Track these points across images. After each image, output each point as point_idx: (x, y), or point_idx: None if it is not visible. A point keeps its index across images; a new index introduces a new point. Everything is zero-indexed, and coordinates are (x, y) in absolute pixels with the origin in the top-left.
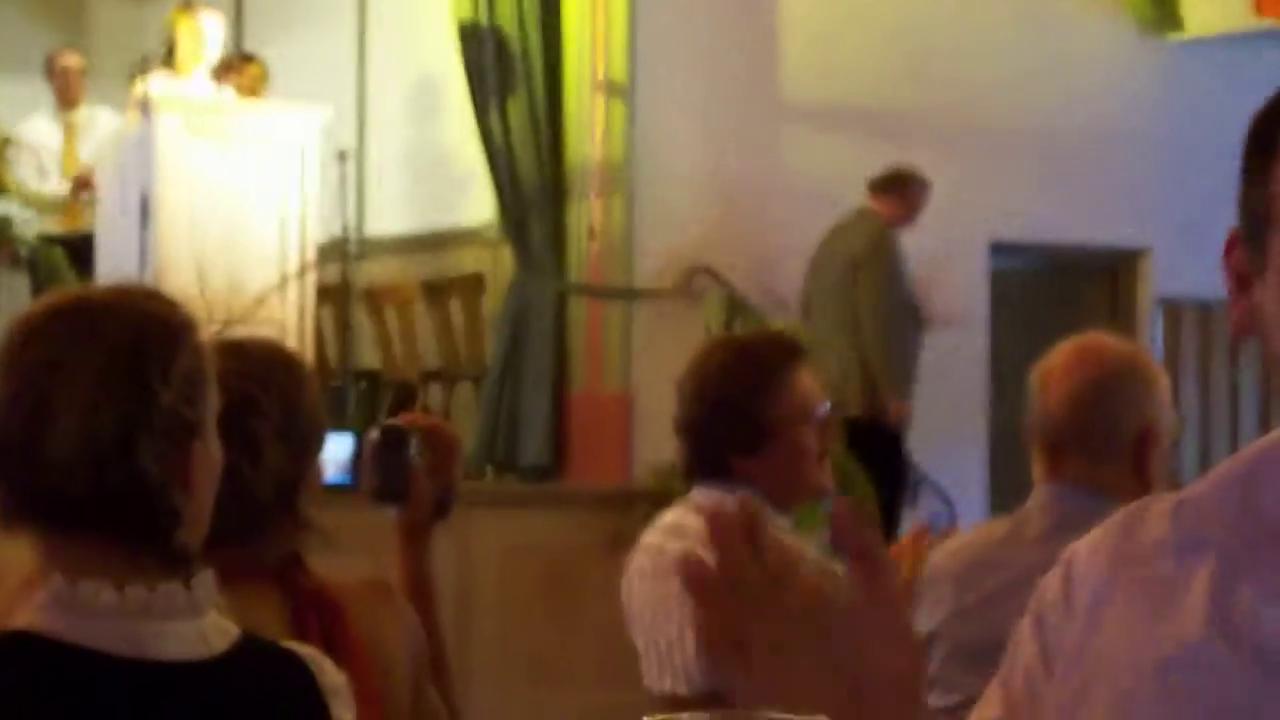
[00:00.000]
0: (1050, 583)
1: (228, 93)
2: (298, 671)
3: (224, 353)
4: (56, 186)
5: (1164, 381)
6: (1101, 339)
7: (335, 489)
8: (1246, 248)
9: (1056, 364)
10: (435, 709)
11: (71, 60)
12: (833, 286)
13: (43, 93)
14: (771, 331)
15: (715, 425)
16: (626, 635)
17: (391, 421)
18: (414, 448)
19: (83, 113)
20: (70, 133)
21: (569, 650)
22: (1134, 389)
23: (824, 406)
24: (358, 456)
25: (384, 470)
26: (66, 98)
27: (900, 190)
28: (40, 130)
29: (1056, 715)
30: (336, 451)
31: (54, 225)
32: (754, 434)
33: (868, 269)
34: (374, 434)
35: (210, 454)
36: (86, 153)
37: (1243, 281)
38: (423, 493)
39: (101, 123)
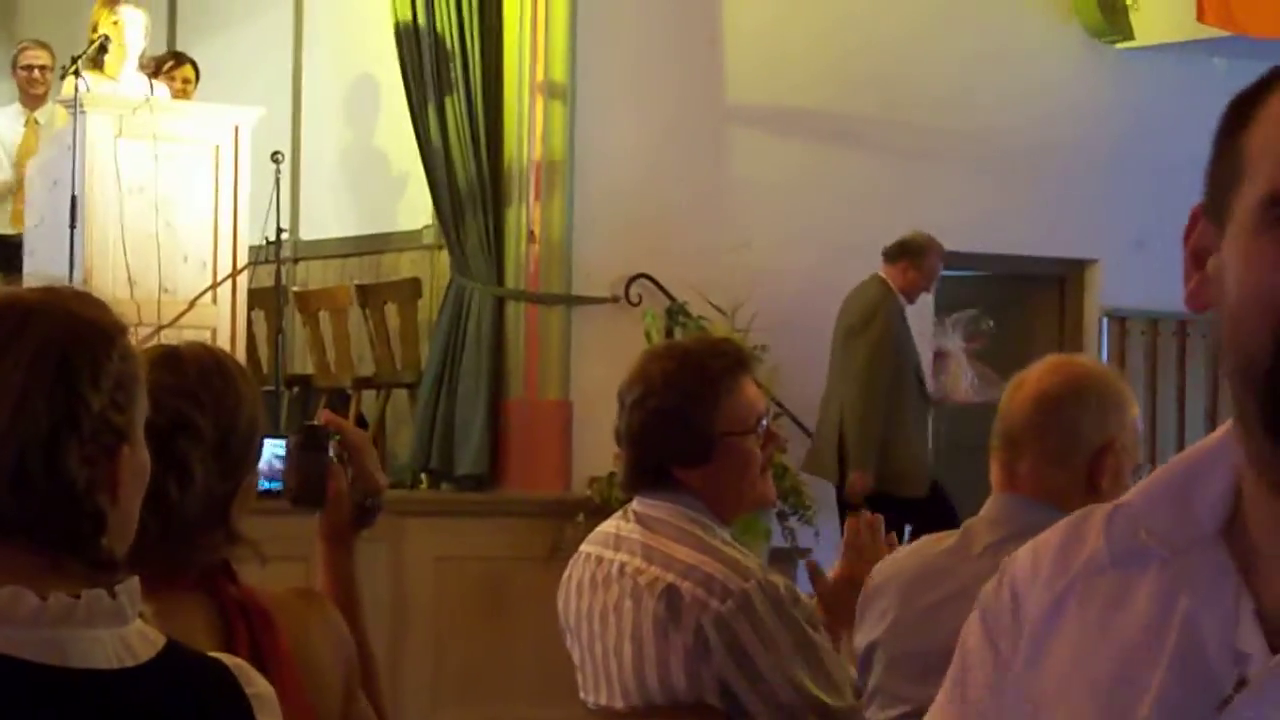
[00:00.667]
0: (994, 597)
1: (161, 91)
2: (223, 681)
3: (160, 364)
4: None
5: (1134, 408)
6: (1081, 358)
7: (268, 495)
8: (1209, 218)
9: (1030, 373)
10: (365, 717)
11: (38, 57)
12: (834, 353)
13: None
14: (716, 340)
15: (657, 435)
16: (563, 647)
17: (311, 423)
18: (334, 450)
19: (48, 110)
20: (31, 129)
21: (504, 662)
22: (1099, 404)
23: (768, 417)
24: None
25: (301, 473)
26: (31, 94)
27: (909, 259)
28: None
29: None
30: (269, 457)
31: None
32: (697, 445)
33: (858, 335)
34: (293, 436)
35: (138, 460)
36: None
37: (1199, 258)
38: (341, 495)
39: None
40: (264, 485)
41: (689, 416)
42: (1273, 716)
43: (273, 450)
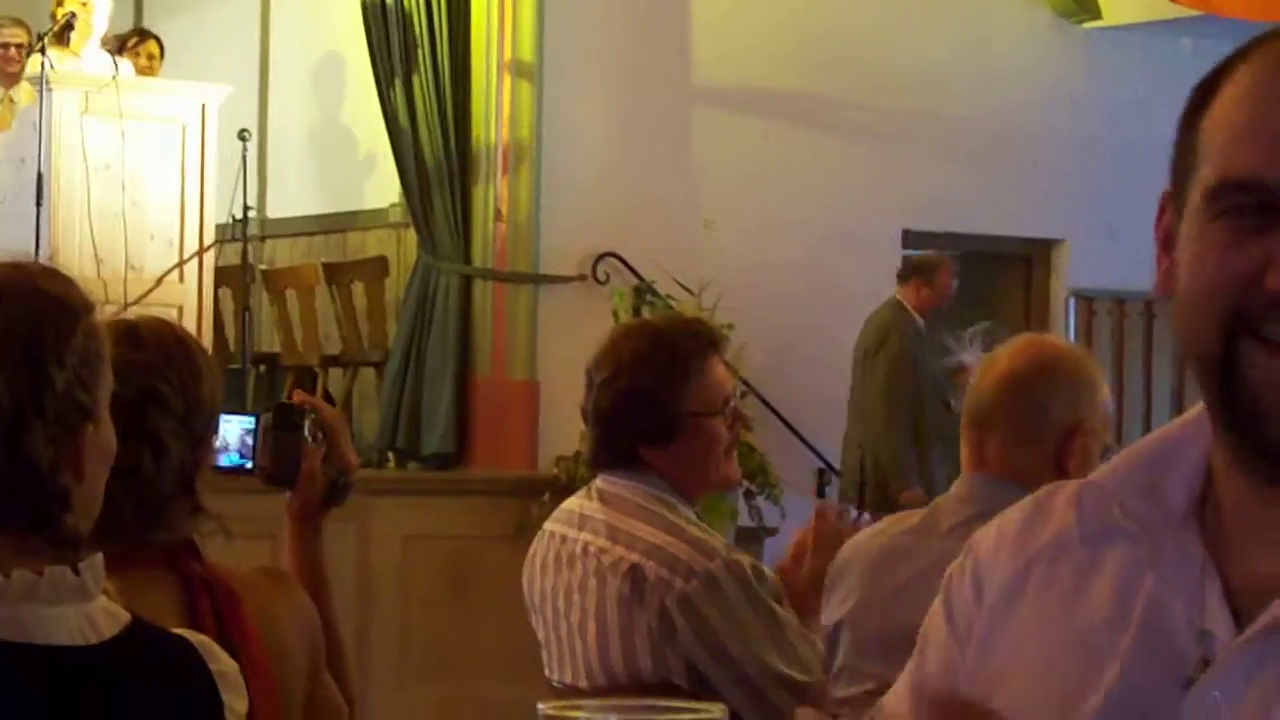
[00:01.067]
0: (958, 574)
1: (125, 68)
2: (187, 657)
3: (120, 339)
4: None
5: (1104, 390)
6: (1052, 339)
7: (234, 472)
8: (1174, 202)
9: (1000, 353)
10: (331, 697)
11: (15, 35)
12: (854, 377)
13: None
14: (685, 319)
15: (625, 414)
16: (529, 626)
17: (285, 401)
18: (308, 429)
19: (25, 88)
20: (6, 107)
21: (470, 640)
22: (1069, 384)
23: (735, 397)
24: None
25: (275, 451)
26: (6, 72)
27: (920, 277)
28: None
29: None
30: (236, 434)
31: None
32: (665, 424)
33: (874, 356)
34: (267, 414)
35: (103, 438)
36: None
37: (1168, 245)
38: (313, 474)
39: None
40: (234, 462)
41: (658, 396)
42: (1237, 695)
43: (242, 426)
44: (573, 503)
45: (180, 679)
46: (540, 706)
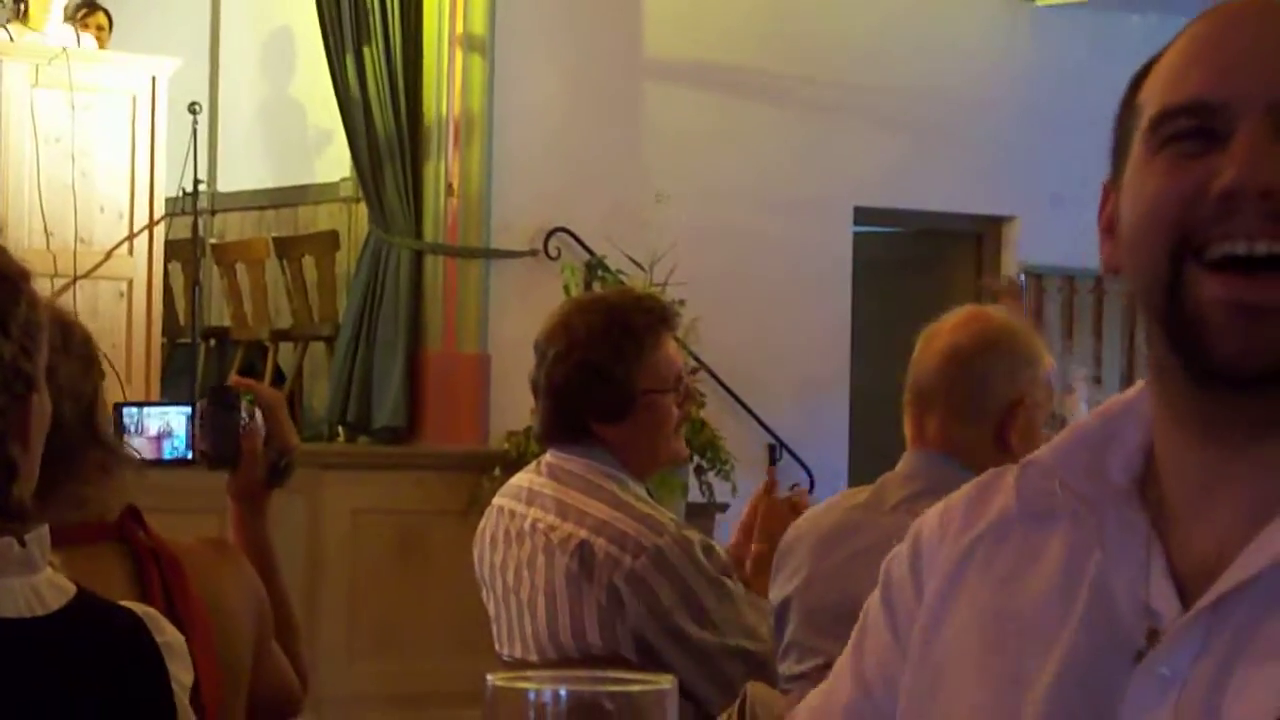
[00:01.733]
0: (898, 562)
1: (89, 42)
2: (133, 629)
3: None
4: None
5: (1047, 361)
6: (993, 310)
7: (177, 464)
8: (1114, 187)
9: (941, 326)
10: (280, 669)
11: None
12: None
13: None
14: (639, 294)
15: (578, 389)
16: (479, 600)
17: (220, 384)
18: (245, 410)
19: None
20: None
21: (420, 615)
22: (1010, 358)
23: (686, 374)
24: (194, 428)
25: (214, 433)
26: None
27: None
28: None
29: (913, 698)
30: (178, 424)
31: None
32: (617, 400)
33: None
34: (204, 400)
35: (44, 406)
36: None
37: (1111, 229)
38: (254, 455)
39: None
40: (178, 453)
41: (611, 372)
42: (1185, 671)
43: (182, 415)
44: (521, 478)
45: (125, 651)
46: (490, 678)
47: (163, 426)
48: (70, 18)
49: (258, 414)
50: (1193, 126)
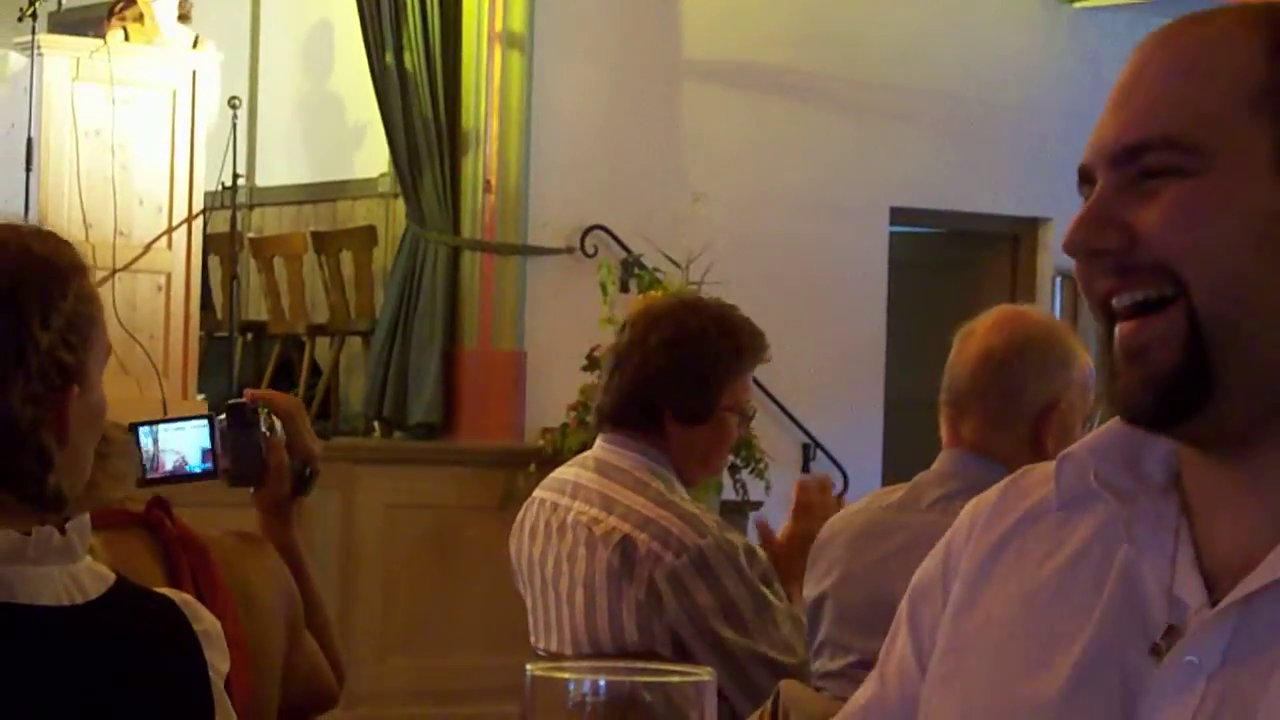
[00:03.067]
0: (928, 567)
1: (117, 35)
2: (171, 617)
3: None
4: None
5: (1083, 362)
6: (1030, 310)
7: (200, 478)
8: None
9: (977, 326)
10: (313, 662)
11: None
12: None
13: None
14: (748, 320)
15: (670, 379)
16: (511, 597)
17: (236, 400)
18: (265, 423)
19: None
20: None
21: (453, 611)
22: (1046, 360)
23: (751, 406)
24: (214, 443)
25: (235, 450)
26: None
27: None
28: None
29: (939, 681)
30: (195, 440)
31: None
32: (700, 405)
33: None
34: (221, 417)
35: (91, 400)
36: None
37: None
38: (280, 468)
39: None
40: (199, 468)
41: (708, 376)
42: (1213, 663)
43: (198, 429)
44: (566, 471)
45: (164, 639)
46: (529, 669)
47: (181, 444)
48: (110, 12)
49: (277, 425)
50: (1086, 192)
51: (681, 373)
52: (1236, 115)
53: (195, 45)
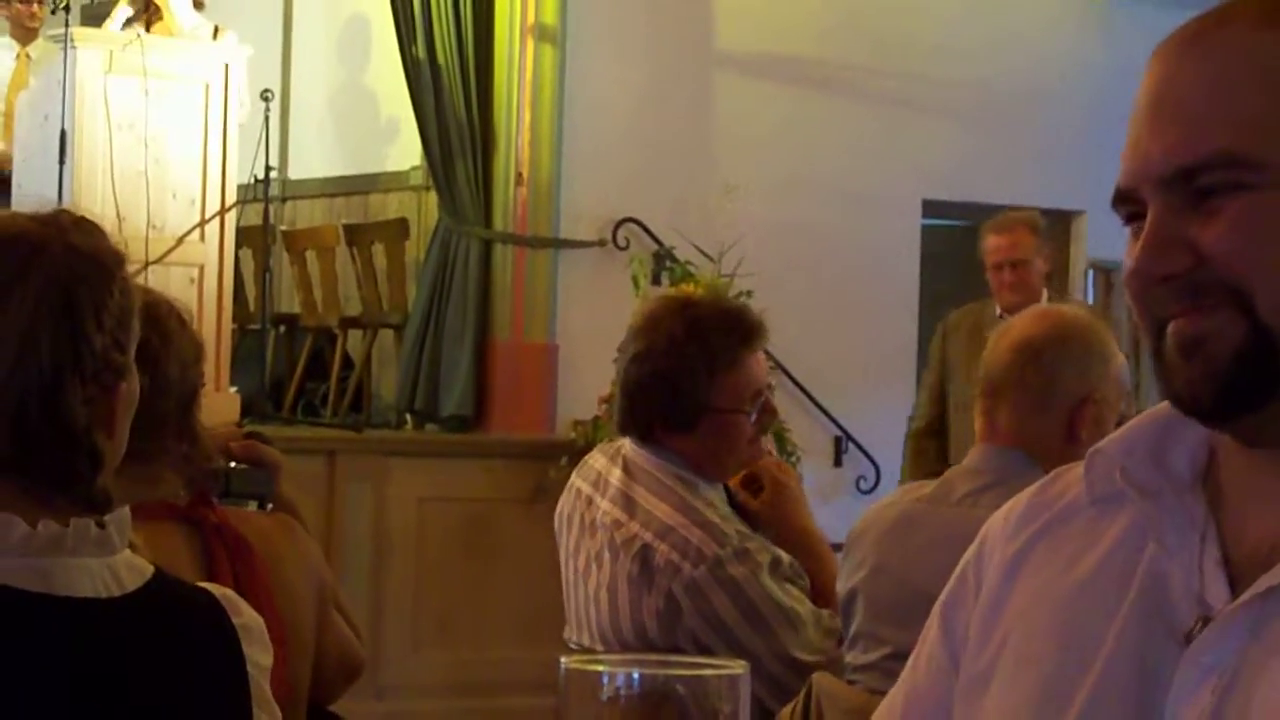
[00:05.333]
0: (964, 566)
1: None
2: (210, 611)
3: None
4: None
5: (1118, 359)
6: (1067, 307)
7: None
8: None
9: (1015, 321)
10: (341, 635)
11: None
12: None
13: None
14: (729, 309)
15: (648, 394)
16: (543, 589)
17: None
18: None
19: (40, 45)
20: (23, 63)
21: (485, 603)
22: (1081, 354)
23: (767, 390)
24: None
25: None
26: (25, 28)
27: None
28: None
29: (972, 679)
30: None
31: None
32: (684, 414)
33: None
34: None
35: (131, 391)
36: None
37: None
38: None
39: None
40: None
41: (680, 386)
42: (1229, 660)
43: None
44: (597, 459)
45: (200, 633)
46: (563, 661)
47: None
48: (147, 4)
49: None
50: (1128, 214)
51: (654, 386)
52: None
53: (215, 36)
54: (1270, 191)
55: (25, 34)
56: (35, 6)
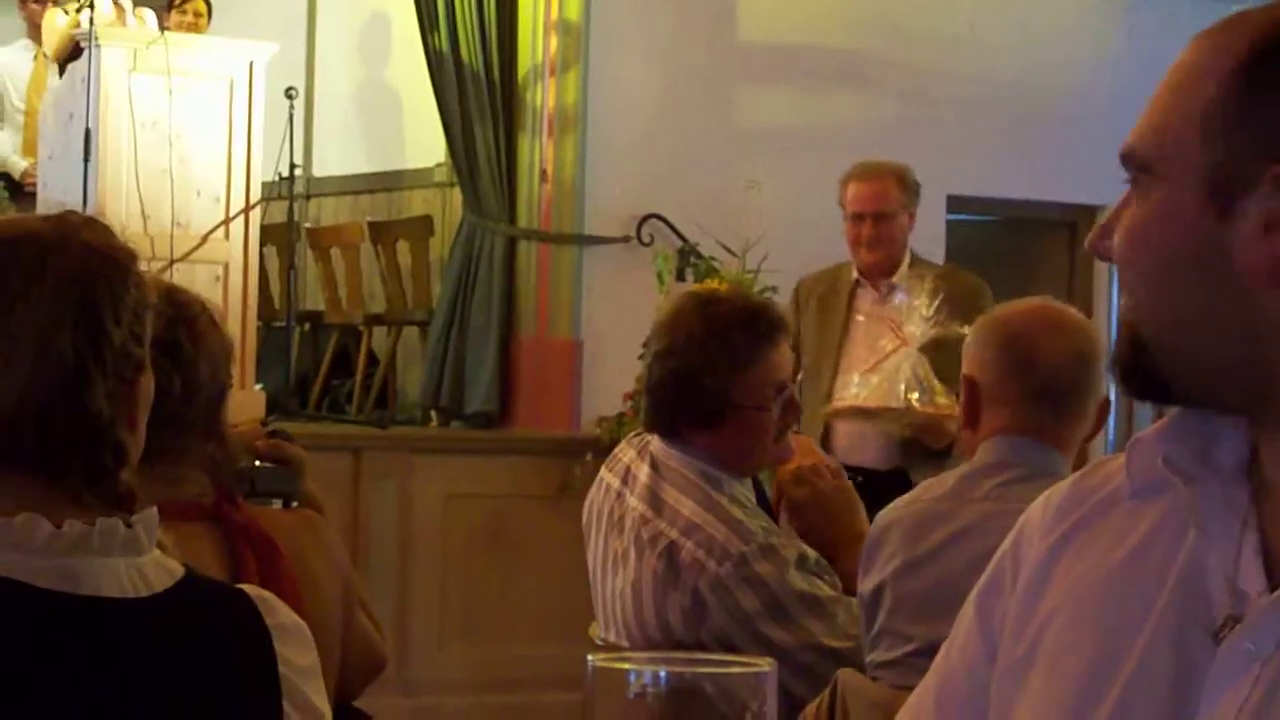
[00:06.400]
0: (1001, 556)
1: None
2: (241, 611)
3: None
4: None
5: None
6: (1069, 308)
7: None
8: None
9: (1044, 321)
10: (364, 630)
11: None
12: None
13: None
14: (751, 305)
15: (670, 391)
16: (569, 586)
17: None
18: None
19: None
20: (40, 64)
21: (510, 600)
22: (1101, 361)
23: (792, 386)
24: None
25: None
26: (39, 28)
27: None
28: (8, 60)
29: (1009, 670)
30: None
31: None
32: (707, 410)
33: None
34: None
35: (149, 386)
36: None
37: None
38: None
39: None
40: None
41: (702, 383)
42: (1266, 650)
43: None
44: (626, 453)
45: (228, 633)
46: (590, 659)
47: None
48: (170, 3)
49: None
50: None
51: (677, 384)
52: (1189, 134)
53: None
54: (1154, 198)
55: (38, 32)
56: (51, 5)
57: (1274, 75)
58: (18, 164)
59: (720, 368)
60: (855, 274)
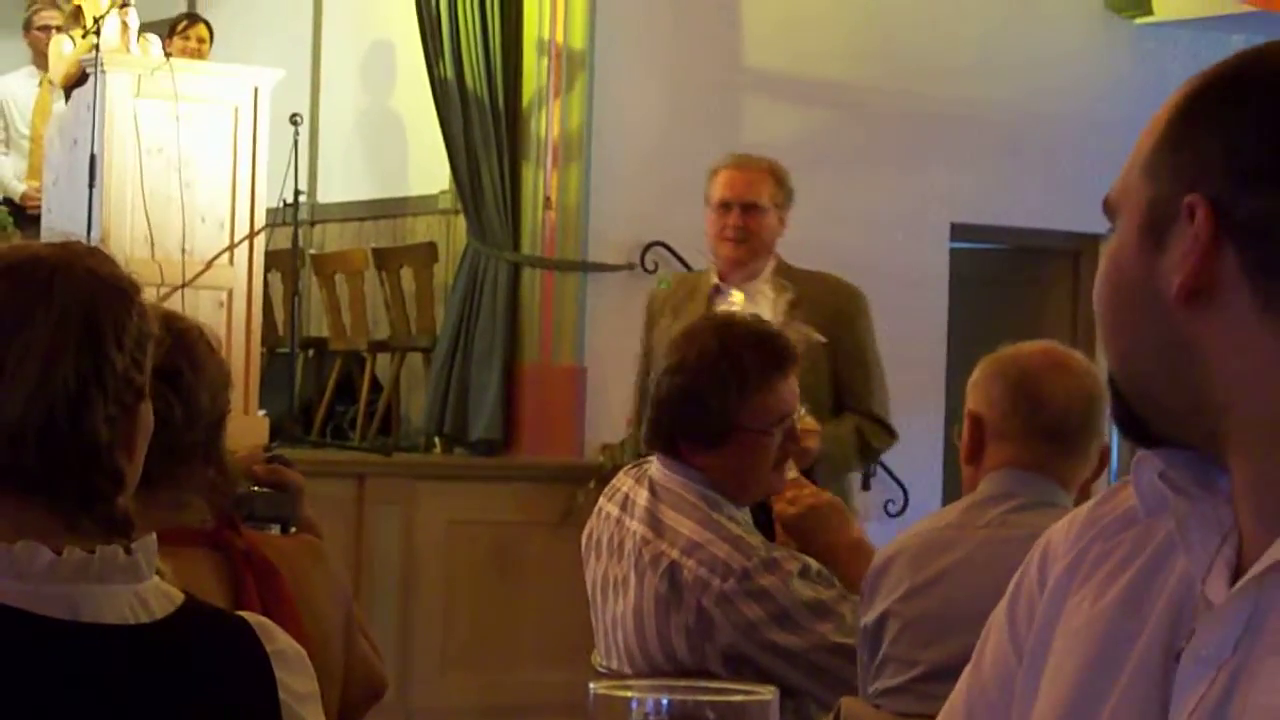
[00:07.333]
0: (1026, 573)
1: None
2: (241, 637)
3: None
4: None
5: None
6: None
7: None
8: None
9: (1053, 362)
10: (365, 655)
11: (51, 17)
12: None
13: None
14: (767, 333)
15: (676, 409)
16: (572, 613)
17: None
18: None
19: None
20: (45, 90)
21: (513, 626)
22: (1105, 404)
23: (794, 416)
24: None
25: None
26: (44, 55)
27: None
28: (14, 87)
29: (1025, 690)
30: None
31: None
32: (711, 431)
33: None
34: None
35: (149, 415)
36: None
37: None
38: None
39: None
40: None
41: (708, 403)
42: (1223, 655)
43: None
44: (625, 482)
45: (228, 659)
46: (592, 686)
47: None
48: (171, 30)
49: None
50: None
51: (683, 401)
52: (1135, 177)
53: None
54: (1111, 242)
55: (44, 60)
56: (54, 32)
57: (1202, 110)
58: (17, 188)
59: (729, 388)
60: (714, 279)
